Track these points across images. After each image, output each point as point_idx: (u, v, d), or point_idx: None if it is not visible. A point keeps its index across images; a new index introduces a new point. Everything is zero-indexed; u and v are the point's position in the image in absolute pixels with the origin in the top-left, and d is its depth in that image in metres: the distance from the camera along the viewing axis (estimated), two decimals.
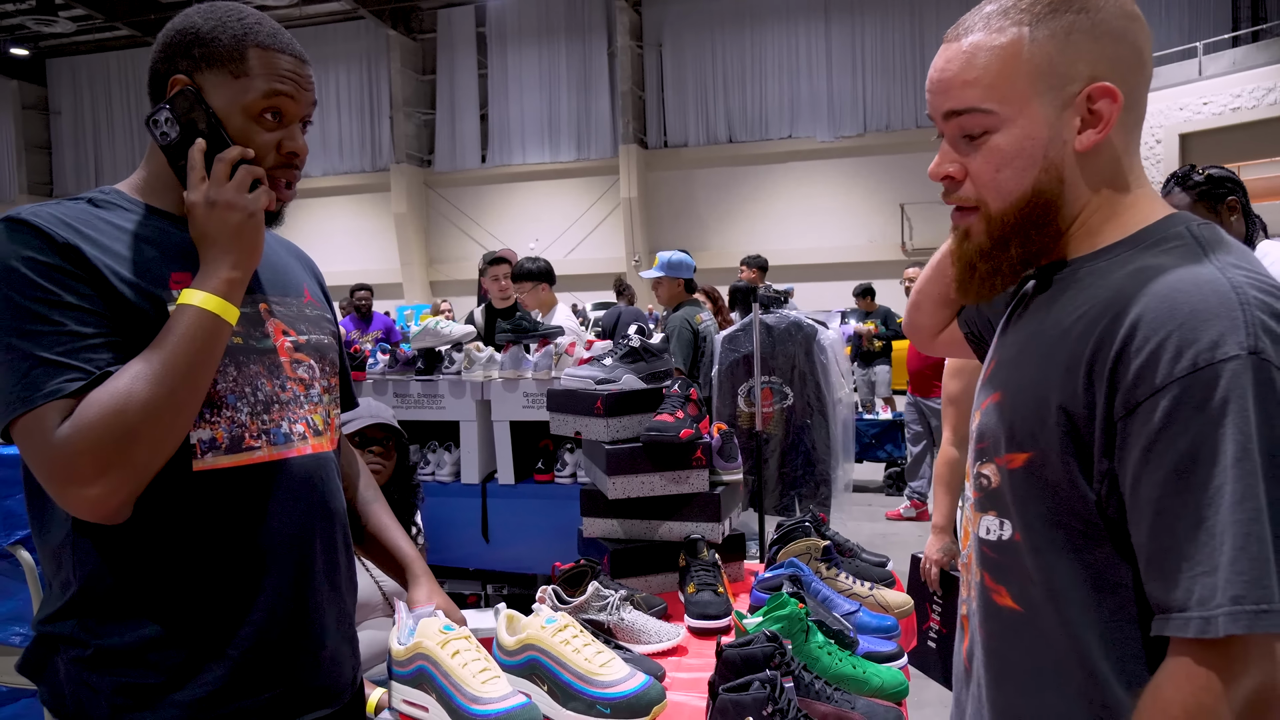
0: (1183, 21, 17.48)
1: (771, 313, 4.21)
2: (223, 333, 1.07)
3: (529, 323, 3.48)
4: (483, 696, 1.17)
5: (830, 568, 2.01)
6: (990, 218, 0.93)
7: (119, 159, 23.18)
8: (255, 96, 1.12)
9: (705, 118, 20.24)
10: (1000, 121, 0.89)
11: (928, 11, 18.57)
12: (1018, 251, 0.94)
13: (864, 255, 18.21)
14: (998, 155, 0.90)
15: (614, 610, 1.76)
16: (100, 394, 0.99)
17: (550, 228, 20.85)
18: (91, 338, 1.02)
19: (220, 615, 1.11)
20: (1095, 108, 0.87)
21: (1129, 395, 0.80)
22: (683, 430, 2.10)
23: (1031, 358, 0.91)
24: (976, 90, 0.89)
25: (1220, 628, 0.74)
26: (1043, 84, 0.88)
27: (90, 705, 1.07)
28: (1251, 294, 0.78)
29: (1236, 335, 0.76)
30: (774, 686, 1.28)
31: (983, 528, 0.97)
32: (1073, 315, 0.88)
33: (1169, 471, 0.78)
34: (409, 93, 21.14)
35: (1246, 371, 0.75)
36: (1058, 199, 0.91)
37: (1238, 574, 0.73)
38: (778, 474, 4.38)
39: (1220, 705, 0.75)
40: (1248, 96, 15.13)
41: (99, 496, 0.99)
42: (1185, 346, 0.77)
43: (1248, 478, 0.74)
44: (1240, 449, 0.75)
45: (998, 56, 0.88)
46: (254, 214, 1.10)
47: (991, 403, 0.96)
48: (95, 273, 1.05)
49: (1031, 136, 0.89)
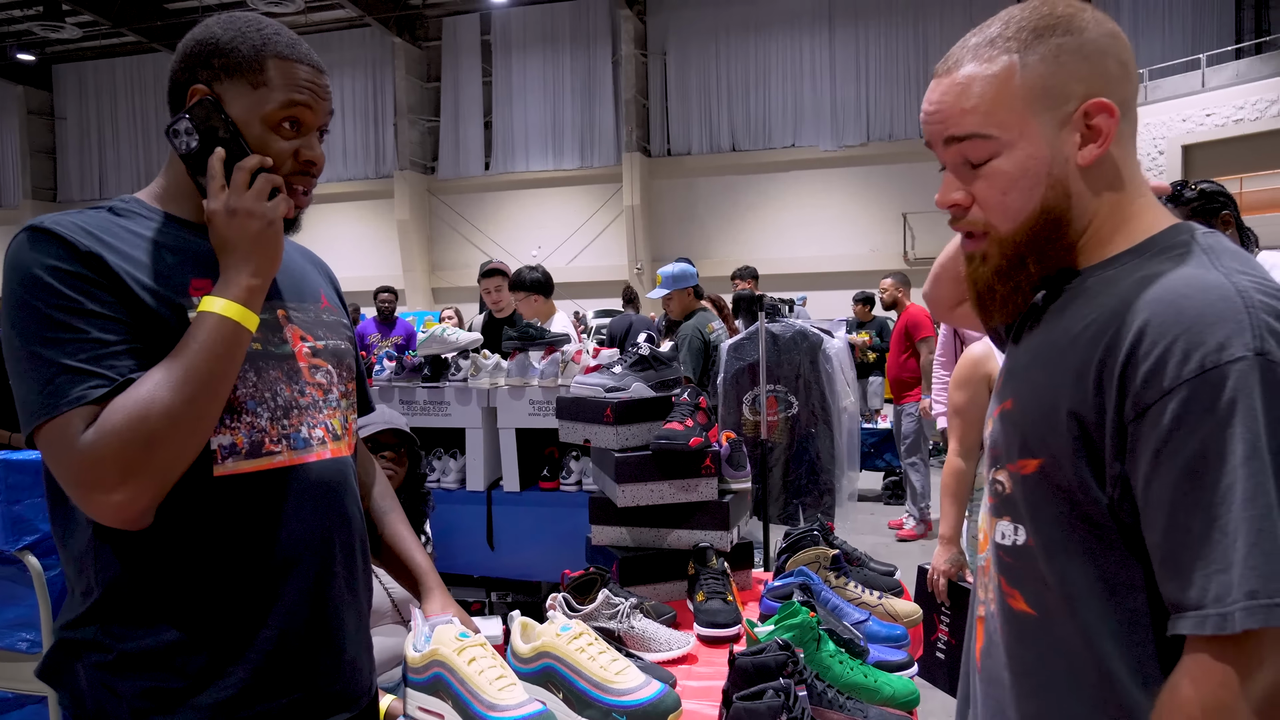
0: (1186, 33, 17.53)
1: (777, 321, 4.21)
2: (243, 340, 1.08)
3: (535, 330, 3.49)
4: (499, 703, 1.18)
5: (839, 576, 2.02)
6: (1002, 240, 0.95)
7: (123, 165, 23.27)
8: (274, 106, 1.13)
9: (709, 126, 20.29)
10: (1002, 146, 0.92)
11: (931, 21, 18.64)
12: (1035, 268, 0.95)
13: (866, 264, 18.22)
14: (1003, 179, 0.92)
15: (624, 618, 1.77)
16: (124, 400, 1.00)
17: (553, 235, 20.89)
18: (114, 345, 1.04)
19: (242, 619, 1.12)
20: (1094, 123, 0.90)
21: (1138, 398, 0.81)
22: (692, 438, 2.11)
23: (1042, 365, 0.93)
24: (975, 117, 0.92)
25: (1237, 623, 0.75)
26: (1039, 105, 0.90)
27: (112, 709, 1.08)
28: (1257, 298, 0.80)
29: (1243, 337, 0.78)
30: (788, 695, 1.28)
31: (998, 533, 0.99)
32: (1082, 323, 0.89)
33: (1180, 472, 0.79)
34: (413, 100, 21.21)
35: (1253, 372, 0.77)
36: (1066, 214, 0.93)
37: (1252, 569, 0.75)
38: (782, 483, 4.37)
39: (1238, 701, 0.76)
40: (1250, 108, 15.15)
41: (123, 502, 1.00)
42: (1193, 349, 0.79)
43: (1258, 475, 0.76)
44: (1249, 448, 0.76)
45: (992, 84, 0.91)
46: (273, 222, 1.11)
47: (1003, 410, 0.98)
48: (117, 280, 1.06)
49: (1034, 157, 0.91)
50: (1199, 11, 17.70)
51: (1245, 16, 17.75)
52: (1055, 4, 0.93)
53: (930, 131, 0.97)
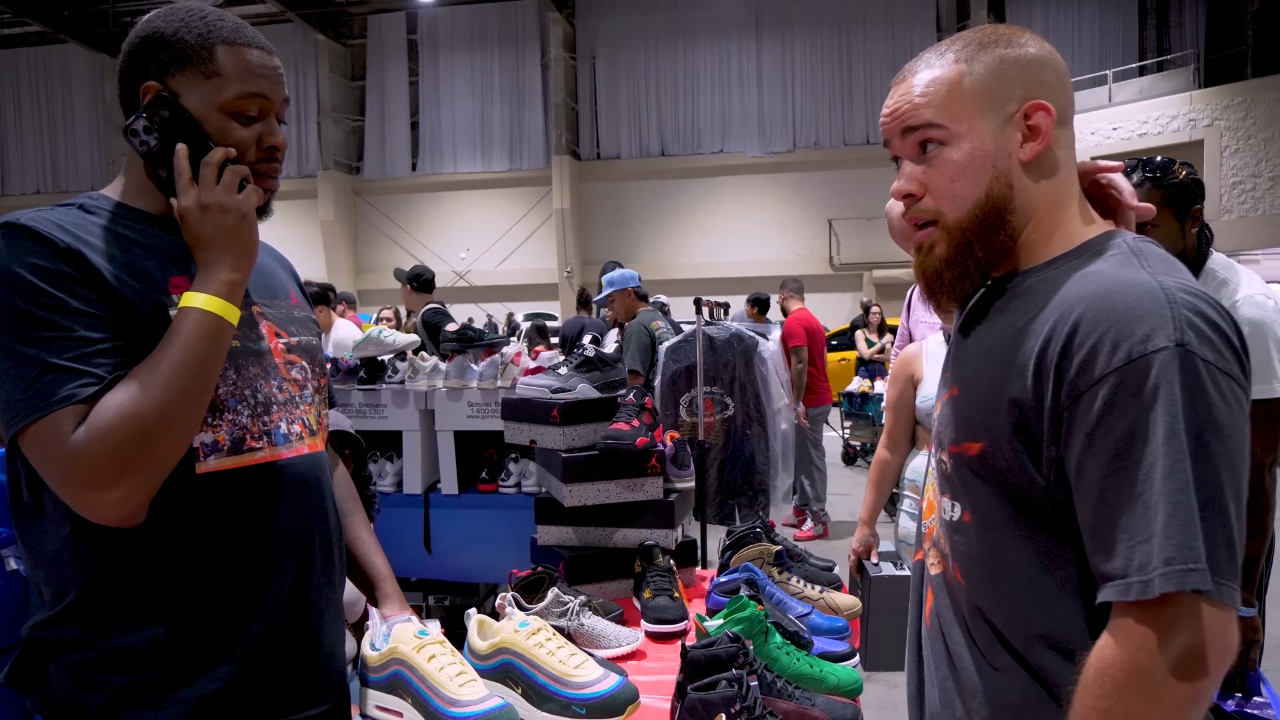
0: (1094, 49, 18.35)
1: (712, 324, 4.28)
2: (226, 334, 1.08)
3: (474, 332, 3.47)
4: (460, 699, 1.18)
5: (782, 572, 2.07)
6: (949, 228, 1.04)
7: (27, 159, 22.24)
8: (230, 95, 1.12)
9: (638, 130, 20.39)
10: (951, 136, 1.01)
11: (855, 34, 19.10)
12: (981, 253, 1.03)
13: (793, 269, 18.50)
14: (951, 166, 1.01)
15: (574, 616, 1.78)
16: (114, 398, 0.99)
17: (482, 238, 20.71)
18: (100, 343, 1.02)
19: (227, 614, 1.11)
20: (1033, 122, 0.99)
21: (1072, 386, 0.89)
22: (638, 438, 2.13)
23: (987, 357, 1.02)
24: (930, 109, 1.02)
25: (1155, 588, 0.82)
26: (985, 105, 1.00)
27: (90, 704, 1.06)
28: (1179, 295, 0.88)
29: (1165, 330, 0.85)
30: (740, 685, 1.32)
31: (942, 508, 1.08)
32: (1025, 317, 0.98)
33: (1109, 453, 0.86)
34: (337, 98, 20.80)
35: (1174, 361, 0.84)
36: (1010, 204, 1.01)
37: (1169, 539, 0.82)
38: (718, 483, 4.44)
39: (1155, 663, 0.83)
40: (1153, 123, 15.93)
41: (119, 499, 0.99)
42: (1121, 341, 0.86)
43: (1176, 454, 0.83)
44: (1169, 429, 0.83)
45: (944, 84, 1.02)
46: (247, 214, 1.11)
47: (950, 396, 1.07)
48: (99, 277, 1.04)
49: (980, 150, 1.00)
50: (1105, 29, 18.56)
51: (1148, 36, 18.67)
52: (999, 26, 1.04)
53: (888, 129, 1.06)
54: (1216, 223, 15.04)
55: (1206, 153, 15.64)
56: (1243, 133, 15.38)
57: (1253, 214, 15.45)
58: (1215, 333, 0.87)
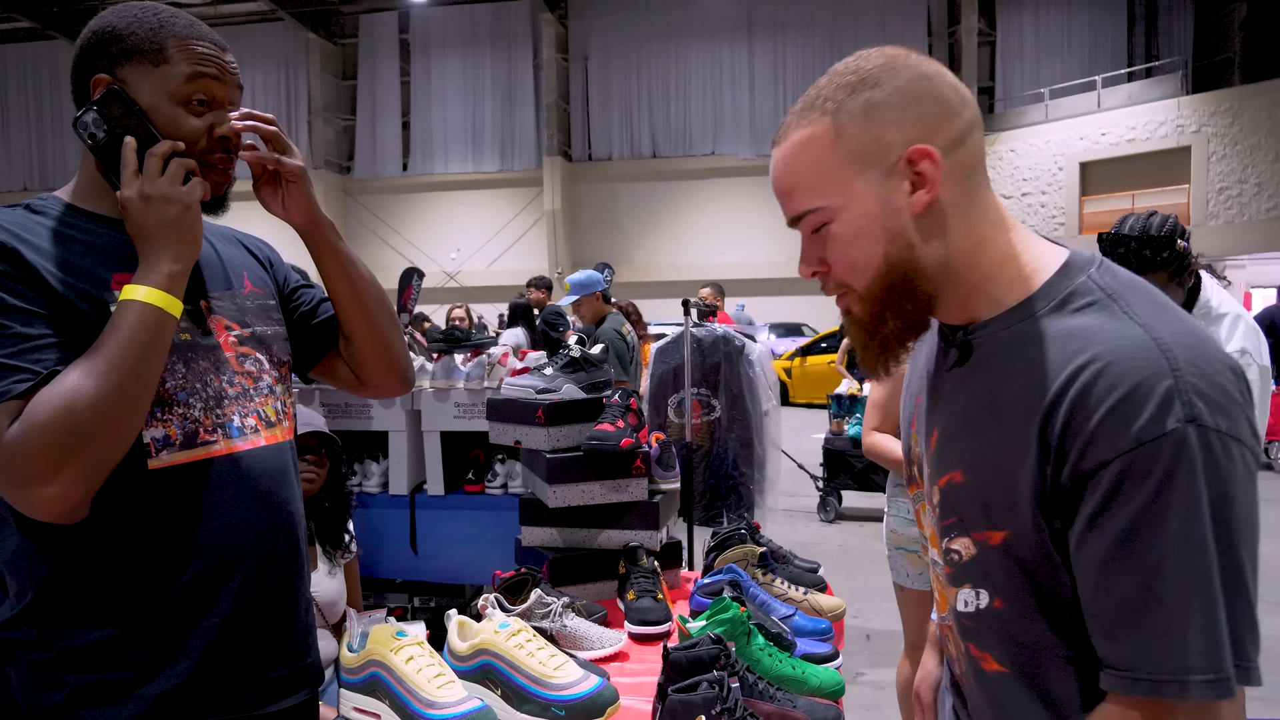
0: (1083, 55, 18.44)
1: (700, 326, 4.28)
2: (168, 326, 1.07)
3: (461, 333, 3.47)
4: (439, 701, 1.18)
5: (766, 573, 2.07)
6: (861, 297, 0.96)
7: (13, 155, 22.09)
8: (179, 82, 1.12)
9: (630, 132, 20.40)
10: (832, 214, 0.92)
11: (846, 36, 19.15)
12: (895, 324, 0.95)
13: (784, 271, 18.59)
14: (840, 241, 0.93)
15: (557, 617, 1.77)
16: (48, 392, 0.98)
17: (473, 238, 20.68)
18: (38, 339, 1.01)
19: (186, 609, 1.10)
20: (918, 170, 0.89)
21: (1076, 468, 0.84)
22: (623, 439, 2.13)
23: (986, 435, 0.93)
24: (801, 194, 0.94)
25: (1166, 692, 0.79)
26: (861, 164, 0.90)
27: (50, 704, 1.05)
28: (1180, 358, 0.82)
29: (1173, 408, 0.79)
30: (721, 686, 1.31)
31: (960, 601, 1.00)
32: (1015, 385, 0.90)
33: (1113, 540, 0.81)
34: (328, 97, 20.75)
35: (1186, 441, 0.79)
36: (914, 266, 0.92)
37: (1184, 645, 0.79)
38: (704, 485, 4.44)
39: None
40: (1142, 129, 16.05)
41: (56, 495, 0.98)
42: (1128, 421, 0.80)
43: (1193, 546, 0.78)
44: (1181, 521, 0.79)
45: (810, 152, 0.92)
46: (190, 206, 1.10)
47: (954, 481, 0.98)
48: (35, 275, 1.04)
49: (865, 215, 0.91)
50: (1094, 35, 18.65)
51: (1137, 42, 18.78)
52: (870, 57, 0.93)
53: (781, 207, 0.99)
54: (1203, 229, 15.17)
55: (1194, 158, 15.76)
56: (1230, 139, 15.50)
57: (1239, 220, 15.58)
58: (1220, 394, 0.81)
